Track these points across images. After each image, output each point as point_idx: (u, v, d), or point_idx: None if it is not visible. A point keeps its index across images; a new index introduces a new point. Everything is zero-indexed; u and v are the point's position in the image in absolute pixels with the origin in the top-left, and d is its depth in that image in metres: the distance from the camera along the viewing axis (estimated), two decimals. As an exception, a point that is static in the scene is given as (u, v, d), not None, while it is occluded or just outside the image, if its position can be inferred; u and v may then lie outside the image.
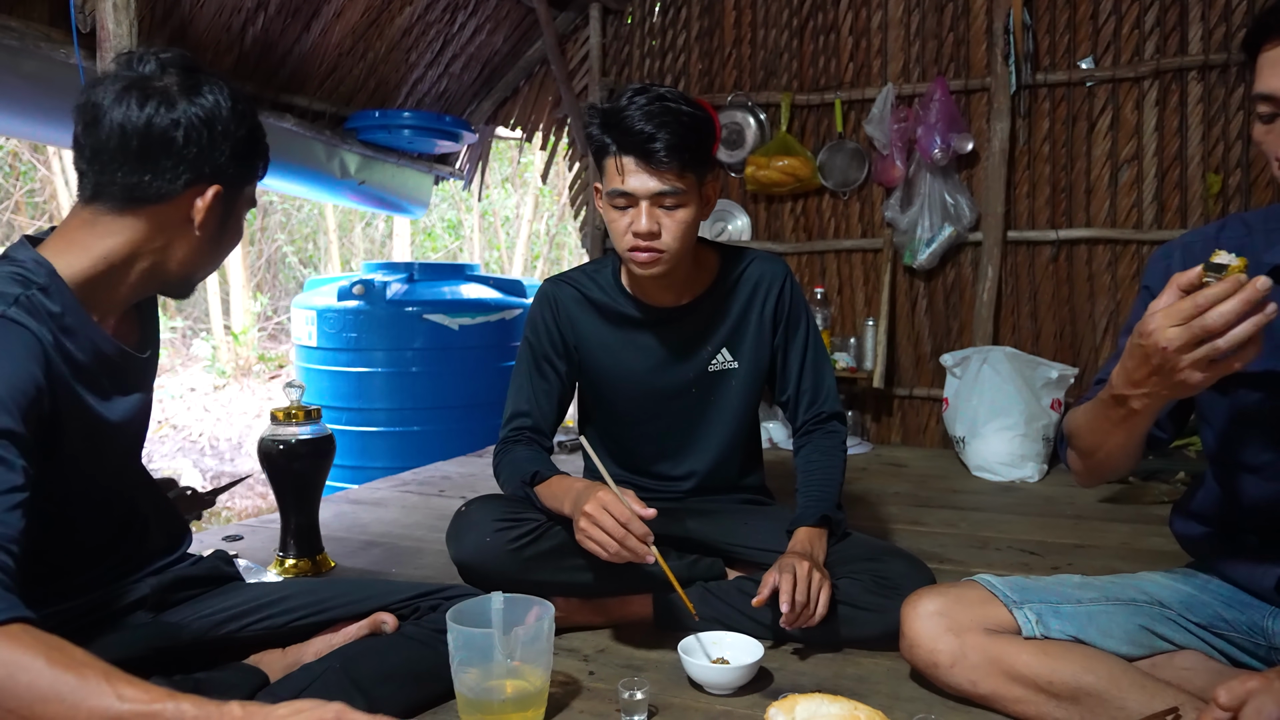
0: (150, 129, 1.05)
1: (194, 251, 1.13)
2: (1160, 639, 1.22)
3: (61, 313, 1.04)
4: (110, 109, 1.05)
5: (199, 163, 1.08)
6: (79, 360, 1.06)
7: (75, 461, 1.07)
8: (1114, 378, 1.07)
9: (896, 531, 2.35)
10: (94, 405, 1.09)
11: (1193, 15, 3.12)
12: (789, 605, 1.40)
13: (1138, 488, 2.73)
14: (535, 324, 1.72)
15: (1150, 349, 0.98)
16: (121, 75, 1.08)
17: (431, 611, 1.31)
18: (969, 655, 1.23)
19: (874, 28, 3.56)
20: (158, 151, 1.06)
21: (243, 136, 1.12)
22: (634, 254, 1.53)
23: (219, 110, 1.09)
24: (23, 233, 1.39)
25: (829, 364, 1.78)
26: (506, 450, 1.65)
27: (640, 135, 1.45)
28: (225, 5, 3.01)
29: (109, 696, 0.78)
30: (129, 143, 1.05)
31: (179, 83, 1.08)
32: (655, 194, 1.49)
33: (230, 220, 1.17)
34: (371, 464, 3.74)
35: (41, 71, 2.55)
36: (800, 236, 3.75)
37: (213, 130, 1.08)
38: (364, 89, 3.80)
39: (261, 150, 1.19)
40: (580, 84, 4.08)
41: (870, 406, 3.69)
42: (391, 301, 3.85)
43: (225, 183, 1.12)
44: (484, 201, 10.07)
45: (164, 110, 1.06)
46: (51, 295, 1.03)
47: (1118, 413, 1.09)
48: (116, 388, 1.15)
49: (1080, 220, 3.32)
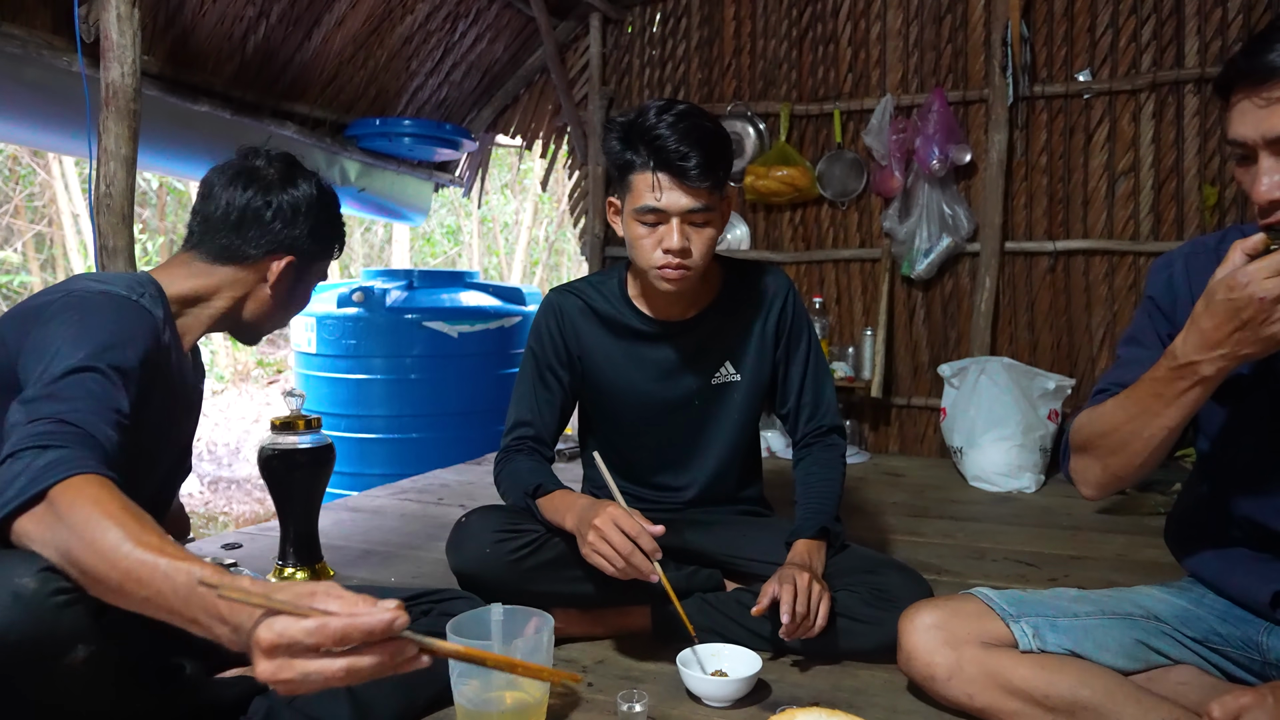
0: (248, 207, 1.36)
1: (264, 305, 1.41)
2: (1156, 653, 1.23)
3: (162, 318, 1.27)
4: (222, 188, 1.36)
5: (280, 236, 1.37)
6: (168, 356, 1.28)
7: (145, 432, 1.20)
8: (1178, 347, 1.07)
9: (894, 542, 2.35)
10: (166, 398, 1.29)
11: (1189, 29, 3.14)
12: (789, 616, 1.41)
13: (1134, 498, 2.74)
14: (540, 333, 1.72)
15: (1242, 301, 0.99)
16: (236, 163, 1.40)
17: (424, 616, 1.32)
18: (966, 668, 1.24)
19: (873, 39, 3.58)
20: (250, 224, 1.36)
21: (322, 220, 1.43)
22: (664, 271, 1.53)
23: (305, 197, 1.40)
24: (20, 236, 1.57)
25: (829, 377, 1.78)
26: (508, 459, 1.65)
27: (676, 153, 1.45)
28: (227, 14, 3.02)
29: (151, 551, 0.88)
30: (230, 215, 1.35)
31: (279, 173, 1.39)
32: (687, 211, 1.49)
33: (300, 286, 1.45)
34: (370, 471, 3.74)
35: (44, 79, 2.56)
36: (799, 246, 3.76)
37: (296, 213, 1.38)
38: (364, 97, 3.81)
39: (337, 232, 1.48)
40: (580, 93, 4.10)
41: (868, 416, 3.70)
42: (391, 309, 3.86)
43: (299, 255, 1.40)
44: (483, 208, 10.08)
45: (261, 194, 1.36)
46: (159, 302, 1.28)
47: (1179, 385, 1.07)
48: (183, 396, 1.38)
49: (1077, 231, 3.34)
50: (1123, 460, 1.17)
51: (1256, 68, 0.99)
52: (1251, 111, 1.01)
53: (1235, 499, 1.21)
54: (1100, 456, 1.20)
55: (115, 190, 2.23)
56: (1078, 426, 1.25)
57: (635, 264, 1.61)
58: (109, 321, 1.16)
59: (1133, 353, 1.26)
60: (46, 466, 0.93)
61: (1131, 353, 1.26)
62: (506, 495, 1.63)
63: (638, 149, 1.49)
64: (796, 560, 1.53)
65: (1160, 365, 1.10)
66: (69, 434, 0.99)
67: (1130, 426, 1.14)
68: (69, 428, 0.99)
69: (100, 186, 2.23)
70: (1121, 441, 1.16)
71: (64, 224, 8.20)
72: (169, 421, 1.35)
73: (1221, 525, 1.25)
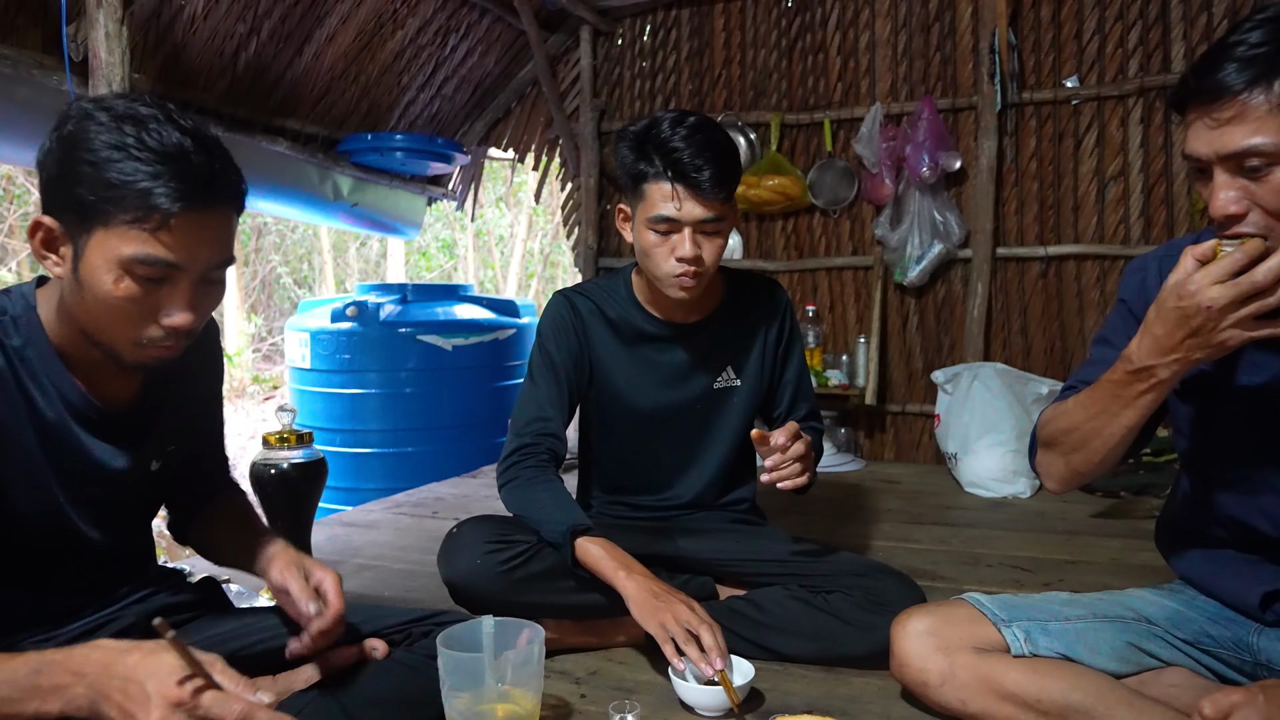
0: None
1: (74, 296, 1.02)
2: (1148, 656, 1.22)
3: (22, 346, 1.05)
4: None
5: (44, 203, 1.03)
6: (32, 396, 1.05)
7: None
8: (1133, 352, 1.09)
9: (889, 548, 2.35)
10: (43, 429, 1.07)
11: (1175, 34, 3.16)
12: (784, 438, 1.42)
13: (1129, 502, 2.74)
14: (554, 331, 1.70)
15: (1191, 309, 1.00)
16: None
17: (424, 638, 1.31)
18: (958, 674, 1.24)
19: (862, 48, 3.60)
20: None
21: (67, 159, 0.98)
22: (680, 279, 1.56)
23: (48, 141, 1.02)
24: (15, 256, 1.42)
25: (810, 376, 1.86)
26: (521, 468, 1.58)
27: (692, 165, 1.49)
28: (218, 31, 3.04)
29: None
30: None
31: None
32: (701, 220, 1.53)
33: (85, 262, 0.99)
34: (365, 485, 3.74)
35: (34, 98, 2.57)
36: (791, 254, 3.77)
37: (42, 167, 1.02)
38: (356, 112, 3.82)
39: (87, 172, 0.99)
40: (571, 105, 4.11)
41: (863, 423, 3.70)
42: (385, 323, 3.86)
43: (55, 214, 1.00)
44: (477, 221, 10.10)
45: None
46: (19, 328, 1.05)
47: (1136, 389, 1.10)
48: (101, 435, 1.13)
49: (1068, 236, 3.35)
50: (1084, 457, 1.20)
51: (1206, 87, 1.00)
52: (1204, 130, 1.01)
53: (1219, 500, 1.21)
54: (1063, 453, 1.23)
55: (106, 208, 2.23)
56: (1043, 422, 1.28)
57: (647, 271, 1.62)
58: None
59: (1102, 352, 1.27)
60: None
61: (1101, 352, 1.28)
62: (523, 516, 1.56)
63: (652, 159, 1.52)
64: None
65: (1117, 368, 1.12)
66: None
67: (1090, 425, 1.17)
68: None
69: (91, 204, 2.23)
70: (1083, 439, 1.19)
71: (59, 243, 8.20)
72: (28, 474, 1.07)
73: (1208, 527, 1.25)
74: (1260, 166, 0.98)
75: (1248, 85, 0.96)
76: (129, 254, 0.95)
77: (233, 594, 1.80)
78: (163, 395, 1.22)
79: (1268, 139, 0.96)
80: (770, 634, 1.55)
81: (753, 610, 1.58)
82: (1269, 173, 0.98)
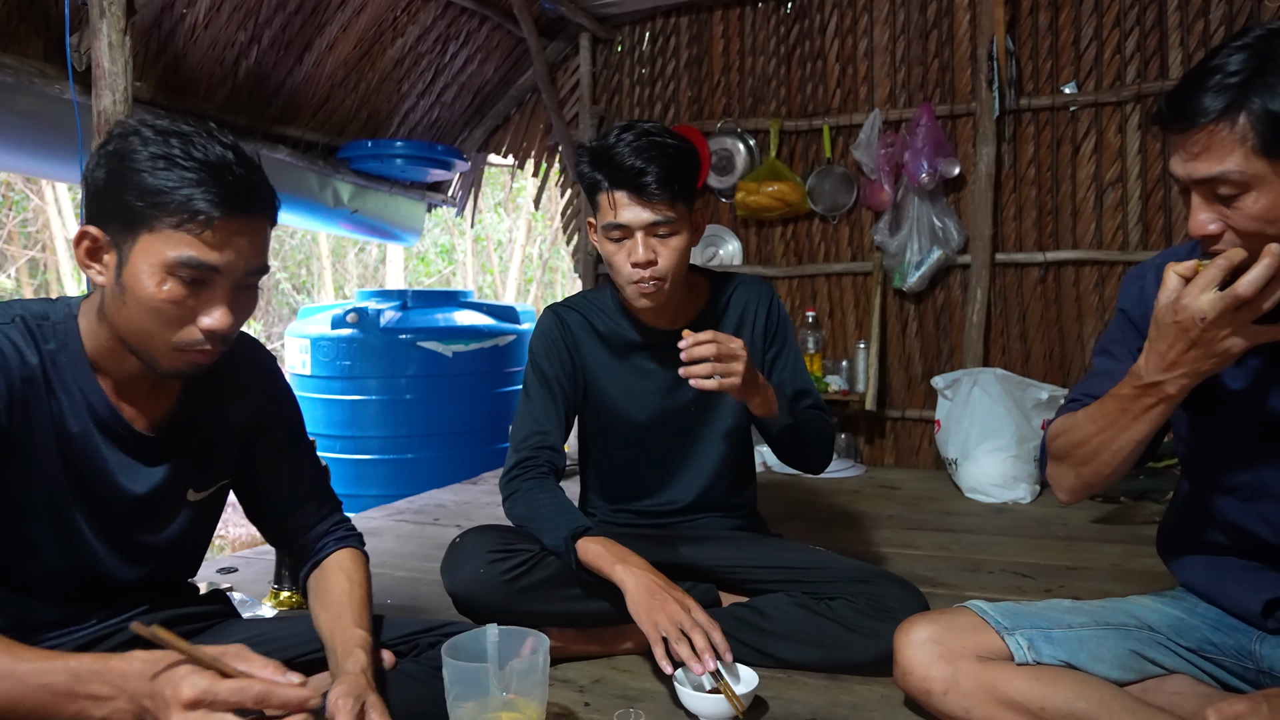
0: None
1: (113, 302, 1.05)
2: (1151, 663, 1.23)
3: (56, 350, 1.08)
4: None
5: (88, 212, 1.06)
6: (59, 404, 1.07)
7: (35, 491, 1.07)
8: (1141, 368, 1.10)
9: (890, 554, 2.35)
10: (36, 460, 1.07)
11: (1172, 40, 3.17)
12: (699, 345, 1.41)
13: (1129, 508, 2.75)
14: (544, 346, 1.73)
15: (1187, 322, 1.03)
16: None
17: (430, 649, 1.31)
18: (962, 682, 1.24)
19: (860, 55, 3.61)
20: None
21: (115, 171, 1.02)
22: (638, 285, 1.57)
23: (97, 154, 1.06)
24: (14, 262, 1.40)
25: (805, 368, 1.84)
26: (523, 480, 1.60)
27: (631, 170, 1.51)
28: (218, 39, 3.05)
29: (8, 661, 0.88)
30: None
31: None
32: (649, 224, 1.54)
33: (128, 268, 1.02)
34: (366, 492, 3.74)
35: (37, 107, 2.58)
36: (791, 260, 3.78)
37: (90, 175, 1.05)
38: (356, 119, 3.83)
39: (135, 182, 1.02)
40: (571, 111, 4.13)
41: (863, 429, 3.71)
42: (385, 329, 3.86)
43: (99, 223, 1.04)
44: (477, 227, 10.11)
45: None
46: (56, 333, 1.08)
47: (1144, 403, 1.11)
48: (125, 450, 1.13)
49: (1067, 242, 3.36)
50: (1094, 469, 1.21)
51: (1178, 115, 1.01)
52: (1179, 156, 1.03)
53: (1219, 506, 1.22)
54: (1073, 465, 1.24)
55: (108, 216, 2.24)
56: (1052, 434, 1.29)
57: (614, 281, 1.65)
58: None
59: (1104, 364, 1.29)
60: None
61: (1103, 364, 1.29)
62: (526, 527, 1.57)
63: (601, 169, 1.55)
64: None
65: (1126, 383, 1.14)
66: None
67: (1100, 439, 1.18)
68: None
69: (93, 213, 2.24)
70: (1092, 452, 1.20)
71: (57, 249, 8.20)
72: (48, 491, 1.08)
73: (1209, 533, 1.26)
74: (1231, 194, 1.00)
75: (1217, 115, 0.98)
76: (173, 256, 1.00)
77: (236, 601, 1.79)
78: (203, 419, 1.21)
79: (1235, 167, 0.98)
80: (773, 641, 1.56)
81: (756, 617, 1.58)
82: (1240, 199, 1.00)
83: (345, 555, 1.31)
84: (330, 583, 1.26)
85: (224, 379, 1.22)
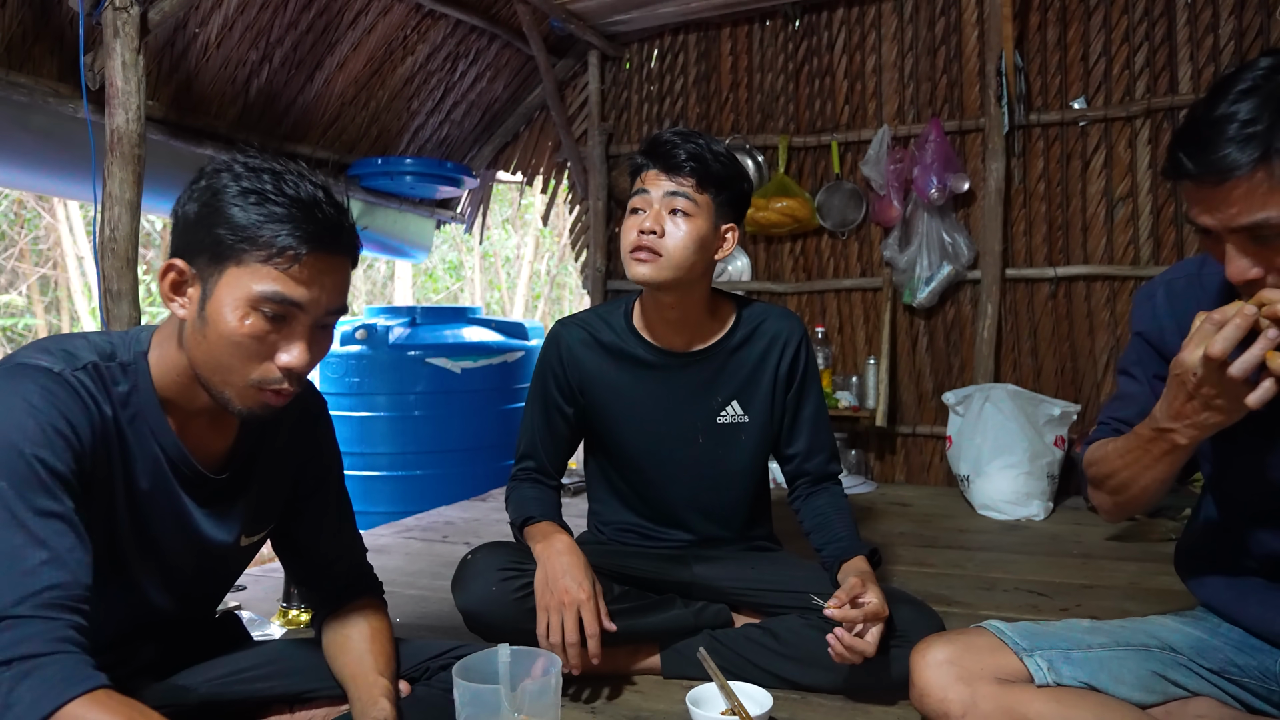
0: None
1: (194, 337, 1.04)
2: (1173, 685, 1.20)
3: (128, 392, 1.06)
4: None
5: (174, 246, 1.06)
6: (130, 452, 1.06)
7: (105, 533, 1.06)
8: (1157, 413, 1.10)
9: (903, 573, 2.33)
10: (133, 495, 1.08)
11: (1181, 55, 3.17)
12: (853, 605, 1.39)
13: (1145, 524, 2.72)
14: (542, 366, 1.75)
15: (1184, 377, 1.02)
16: None
17: (441, 671, 1.30)
18: (981, 705, 1.21)
19: (869, 71, 3.61)
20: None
21: (208, 204, 1.03)
22: (636, 253, 1.56)
23: (190, 189, 1.06)
24: (25, 280, 1.38)
25: (829, 421, 1.79)
26: (516, 488, 1.72)
27: (668, 144, 1.57)
28: (230, 59, 3.07)
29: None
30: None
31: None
32: (667, 194, 1.56)
33: (212, 301, 1.02)
34: (374, 509, 3.73)
35: (50, 126, 2.60)
36: (800, 276, 3.78)
37: (181, 208, 1.06)
38: (366, 137, 3.85)
39: (229, 213, 1.03)
40: (580, 129, 4.14)
41: (873, 445, 3.69)
42: (394, 346, 3.87)
43: (186, 256, 1.04)
44: (485, 243, 10.15)
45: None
46: (126, 374, 1.06)
47: (1161, 446, 1.11)
48: (194, 498, 1.13)
49: (1078, 257, 3.35)
50: (1128, 497, 1.23)
51: (1207, 170, 0.97)
52: (1209, 205, 0.99)
53: (1244, 527, 1.20)
54: (1108, 493, 1.26)
55: (119, 234, 2.25)
56: (1088, 461, 1.29)
57: (622, 257, 1.62)
58: (22, 416, 0.94)
59: (1127, 385, 1.30)
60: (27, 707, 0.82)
61: (1126, 385, 1.31)
62: (510, 521, 1.68)
63: (644, 153, 1.61)
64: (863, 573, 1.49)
65: (1145, 424, 1.14)
66: (32, 634, 0.85)
67: (1126, 474, 1.20)
68: (24, 622, 0.85)
69: (105, 231, 2.25)
70: (1122, 484, 1.22)
71: (69, 267, 8.26)
72: (109, 537, 1.06)
73: (1233, 554, 1.24)
74: (1271, 236, 0.97)
75: (1251, 165, 0.95)
76: (258, 290, 1.00)
77: (245, 620, 1.79)
78: (255, 463, 1.20)
79: (1276, 211, 0.95)
80: (787, 664, 1.54)
81: (769, 639, 1.56)
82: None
83: (368, 603, 1.31)
84: (352, 629, 1.26)
85: (280, 422, 1.20)
